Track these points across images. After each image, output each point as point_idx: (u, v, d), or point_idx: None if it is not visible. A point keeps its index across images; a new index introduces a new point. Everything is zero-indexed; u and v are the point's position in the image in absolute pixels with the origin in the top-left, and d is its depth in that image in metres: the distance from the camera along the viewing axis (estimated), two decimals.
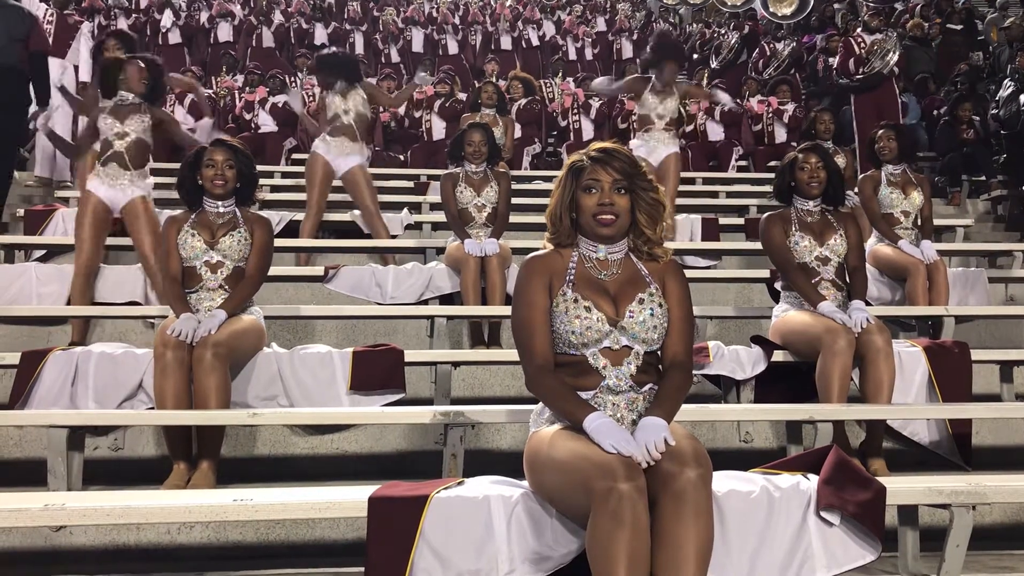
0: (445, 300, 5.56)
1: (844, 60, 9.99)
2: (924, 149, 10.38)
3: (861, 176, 5.99)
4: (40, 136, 8.46)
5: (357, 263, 5.98)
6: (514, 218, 6.43)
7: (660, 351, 2.63)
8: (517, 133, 9.35)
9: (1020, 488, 2.86)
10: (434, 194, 7.96)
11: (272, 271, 4.41)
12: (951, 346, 4.48)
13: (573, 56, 14.26)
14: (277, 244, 4.85)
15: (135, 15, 12.96)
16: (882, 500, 2.67)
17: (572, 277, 2.61)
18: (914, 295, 5.37)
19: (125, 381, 4.03)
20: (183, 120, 10.13)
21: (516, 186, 7.54)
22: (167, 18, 13.02)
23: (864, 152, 6.78)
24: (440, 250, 6.06)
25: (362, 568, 2.50)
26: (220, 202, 4.11)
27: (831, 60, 11.30)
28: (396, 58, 13.83)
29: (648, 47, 7.33)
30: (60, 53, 8.46)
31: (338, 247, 6.63)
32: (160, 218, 5.33)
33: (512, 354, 4.26)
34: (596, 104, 10.80)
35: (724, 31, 13.80)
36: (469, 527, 2.51)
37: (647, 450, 2.31)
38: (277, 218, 6.72)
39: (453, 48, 14.09)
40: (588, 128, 10.68)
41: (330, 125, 6.55)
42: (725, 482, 2.65)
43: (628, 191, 2.61)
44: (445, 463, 3.57)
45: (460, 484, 2.66)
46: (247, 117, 10.42)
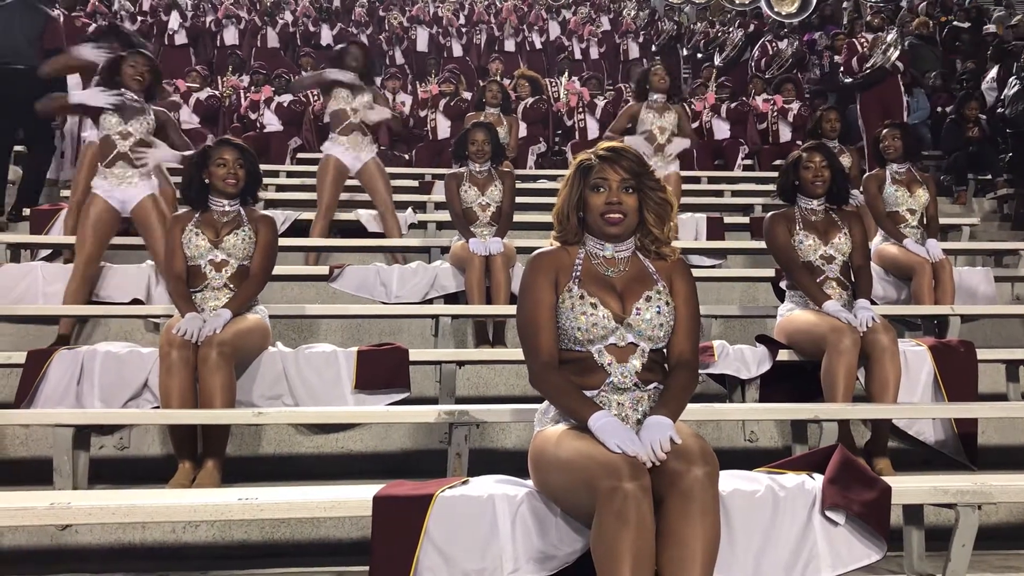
0: (450, 299, 5.56)
1: (848, 59, 9.98)
2: (929, 147, 10.37)
3: (866, 175, 5.98)
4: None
5: (364, 262, 5.98)
6: (519, 217, 6.43)
7: (666, 350, 2.63)
8: (522, 132, 9.35)
9: None
10: (439, 193, 7.95)
11: (277, 270, 4.42)
12: (957, 345, 4.47)
13: (578, 56, 14.26)
14: (282, 243, 4.86)
15: (140, 18, 12.97)
16: (887, 499, 2.67)
17: (579, 273, 2.62)
18: (920, 294, 5.35)
19: (130, 380, 4.04)
20: (188, 120, 10.20)
21: (521, 185, 7.53)
22: (174, 20, 13.04)
23: (871, 150, 6.76)
24: (445, 249, 6.06)
25: (367, 567, 2.50)
26: (226, 201, 4.12)
27: (836, 58, 11.28)
28: (400, 59, 13.85)
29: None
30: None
31: (345, 246, 6.64)
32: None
33: (517, 353, 4.28)
34: (601, 103, 10.79)
35: (729, 29, 13.78)
36: (474, 526, 2.51)
37: (652, 449, 2.31)
38: (282, 217, 6.72)
39: (458, 51, 14.11)
40: (593, 127, 10.67)
41: (337, 124, 6.59)
42: (730, 481, 2.64)
43: (636, 190, 2.61)
44: (450, 462, 3.57)
45: (465, 483, 2.66)
46: (252, 116, 10.44)
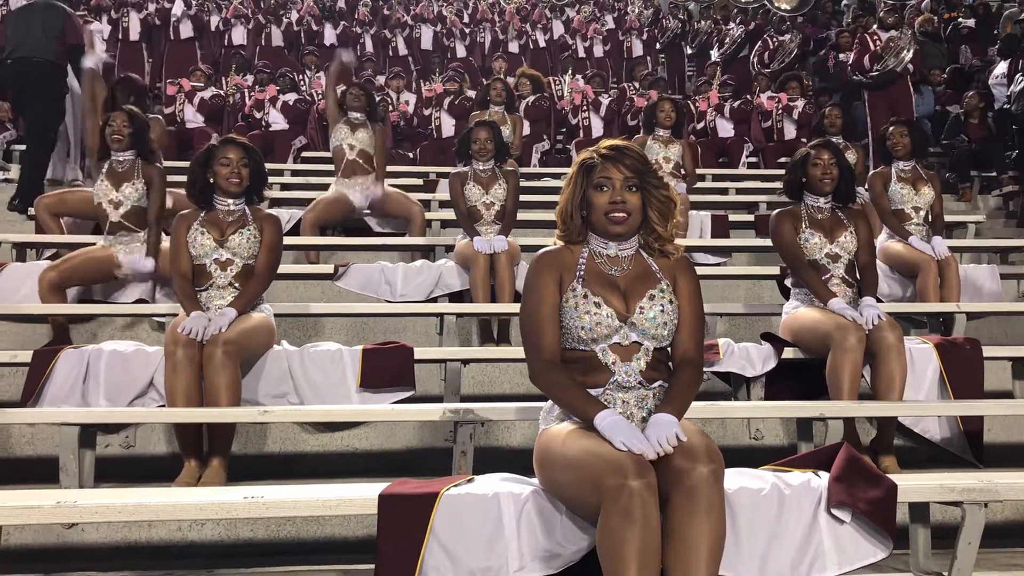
0: (454, 297, 5.57)
1: (859, 57, 9.95)
2: (932, 144, 10.34)
3: (871, 173, 5.97)
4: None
5: (369, 262, 5.99)
6: (523, 215, 6.43)
7: (670, 348, 2.63)
8: (526, 131, 9.35)
9: None
10: (443, 192, 7.96)
11: (282, 269, 4.43)
12: (962, 343, 4.46)
13: (582, 54, 14.24)
14: (288, 242, 4.86)
15: (146, 11, 12.97)
16: (893, 497, 2.66)
17: (582, 273, 2.61)
18: (925, 292, 5.34)
19: (136, 379, 4.05)
20: (192, 119, 10.23)
21: (525, 183, 7.54)
22: (178, 7, 12.98)
23: (877, 148, 6.75)
24: (449, 248, 6.06)
25: (372, 565, 2.50)
26: (231, 200, 4.12)
27: (841, 56, 11.25)
28: (404, 51, 13.82)
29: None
30: None
31: (350, 244, 6.64)
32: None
33: (521, 351, 4.26)
34: (606, 101, 10.79)
35: (730, 25, 13.76)
36: (479, 524, 2.51)
37: (658, 445, 2.31)
38: (287, 216, 6.73)
39: (461, 51, 14.11)
40: (598, 125, 10.67)
41: (337, 166, 6.69)
42: (736, 479, 2.64)
43: (639, 188, 2.61)
44: (455, 460, 3.57)
45: (470, 481, 2.67)
46: (257, 115, 10.45)
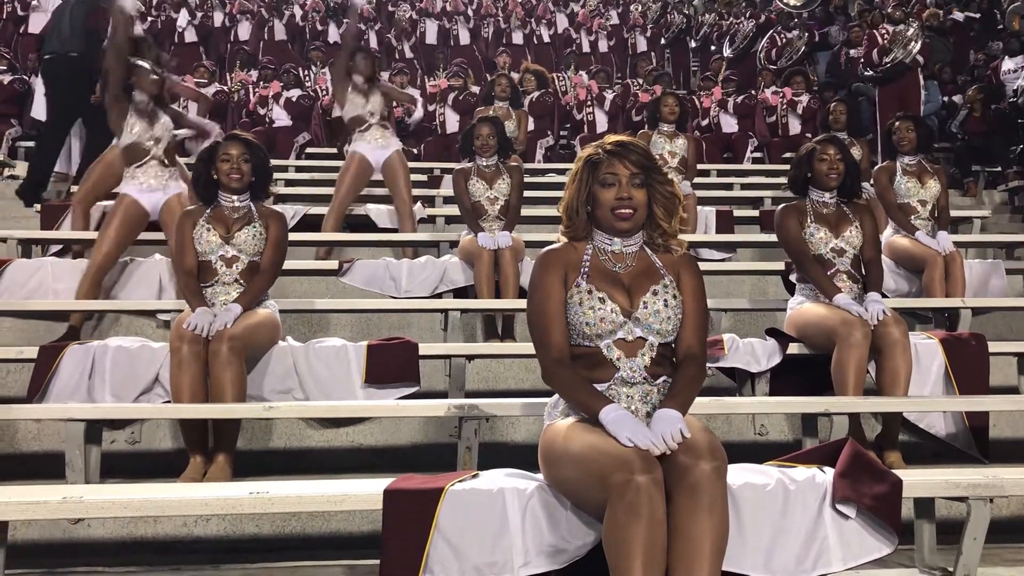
0: (459, 293, 5.57)
1: (868, 52, 9.93)
2: (937, 139, 10.31)
3: (876, 167, 5.95)
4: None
5: (374, 257, 5.99)
6: (527, 211, 6.42)
7: (674, 344, 2.63)
8: (530, 126, 9.34)
9: None
10: (448, 188, 7.95)
11: (287, 265, 4.43)
12: (968, 338, 4.46)
13: (587, 49, 14.22)
14: (292, 238, 4.86)
15: (151, 18, 13.00)
16: (898, 493, 2.66)
17: (587, 269, 2.62)
18: (931, 287, 5.33)
19: (142, 375, 4.06)
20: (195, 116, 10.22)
21: (529, 179, 7.54)
22: (183, 18, 13.06)
23: (883, 142, 6.73)
24: (454, 243, 6.06)
25: (377, 560, 2.51)
26: (235, 196, 4.13)
27: (852, 52, 11.21)
28: (409, 54, 13.84)
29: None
30: None
31: (356, 240, 6.65)
32: None
33: (526, 347, 4.27)
34: (610, 96, 10.77)
35: (740, 20, 13.72)
36: (484, 520, 2.51)
37: (664, 440, 2.31)
38: (292, 212, 6.74)
39: (465, 39, 14.06)
40: (602, 120, 10.66)
41: (358, 127, 6.73)
42: (740, 475, 2.64)
43: (645, 184, 2.61)
44: (460, 456, 3.58)
45: (475, 477, 2.67)
46: (261, 112, 10.46)
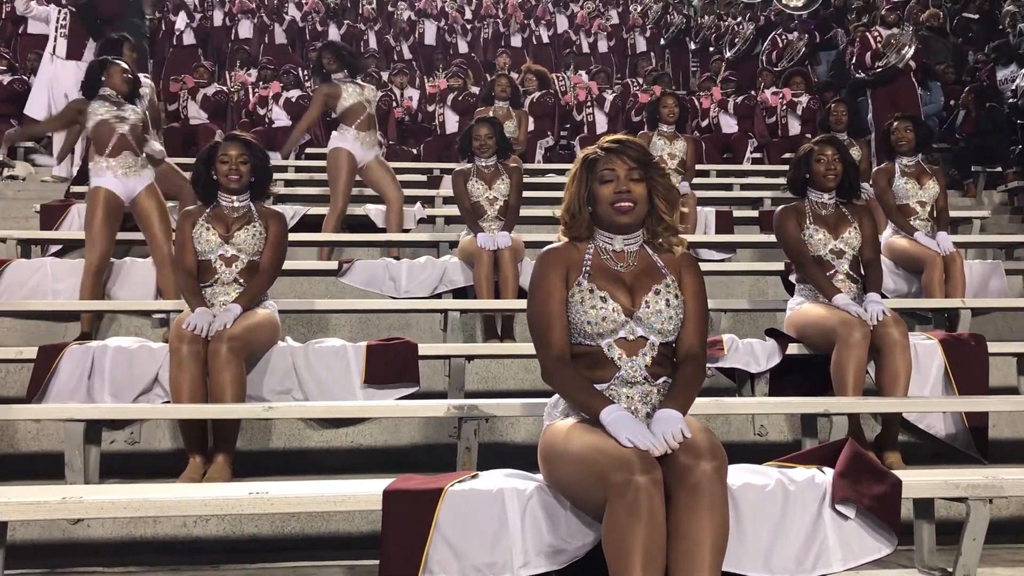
0: (459, 294, 5.56)
1: (861, 54, 9.94)
2: (937, 140, 10.31)
3: (875, 168, 5.95)
4: (56, 134, 8.53)
5: (374, 258, 6.00)
6: (527, 211, 6.42)
7: (675, 344, 2.63)
8: (530, 126, 9.34)
9: None
10: (447, 188, 7.95)
11: (286, 265, 4.43)
12: (967, 338, 4.46)
13: (586, 50, 14.23)
14: (292, 238, 4.87)
15: (150, 18, 13.01)
16: (898, 493, 2.66)
17: (588, 268, 2.62)
18: (930, 287, 5.33)
19: (141, 375, 4.05)
20: (196, 115, 10.26)
21: (529, 179, 7.54)
22: (181, 20, 13.07)
23: (880, 145, 6.74)
24: (453, 244, 6.06)
25: (377, 561, 2.51)
26: (235, 197, 4.13)
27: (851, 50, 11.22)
28: (408, 55, 13.84)
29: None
30: (76, 55, 8.52)
31: (356, 241, 6.65)
32: (172, 213, 5.36)
33: (526, 347, 4.28)
34: (610, 97, 10.78)
35: (739, 21, 13.72)
36: (483, 520, 2.51)
37: (664, 440, 2.31)
38: (291, 212, 6.74)
39: (463, 48, 14.10)
40: (602, 121, 10.66)
41: (350, 118, 6.64)
42: (740, 475, 2.64)
43: (644, 178, 2.61)
44: (459, 456, 3.58)
45: (474, 477, 2.67)
46: (261, 112, 10.46)
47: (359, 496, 2.61)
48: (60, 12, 8.66)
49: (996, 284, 5.86)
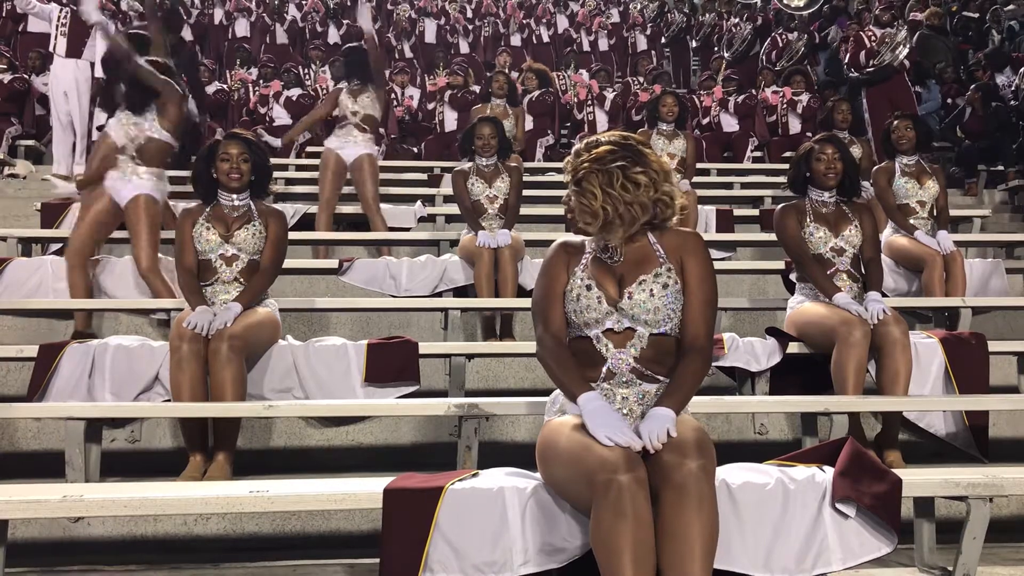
0: (459, 292, 5.56)
1: (855, 53, 9.93)
2: (938, 139, 10.31)
3: (875, 167, 5.95)
4: (57, 132, 8.54)
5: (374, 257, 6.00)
6: (528, 210, 6.42)
7: (680, 335, 2.59)
8: (528, 124, 9.34)
9: None
10: (447, 186, 7.94)
11: (287, 264, 4.43)
12: (968, 337, 4.45)
13: (587, 48, 14.22)
14: (293, 237, 4.86)
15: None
16: (898, 492, 2.66)
17: (587, 259, 2.63)
18: (931, 286, 5.33)
19: (141, 374, 4.06)
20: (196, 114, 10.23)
21: (529, 178, 7.54)
22: None
23: (879, 144, 6.74)
24: (454, 242, 6.07)
25: (377, 559, 2.51)
26: (235, 195, 4.13)
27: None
28: (409, 53, 13.84)
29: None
30: (76, 53, 8.51)
31: (356, 240, 6.65)
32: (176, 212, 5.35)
33: (526, 346, 4.29)
34: (610, 96, 10.77)
35: (737, 21, 13.72)
36: (484, 519, 2.52)
37: (649, 440, 2.30)
38: (292, 211, 6.74)
39: (464, 47, 14.09)
40: (602, 120, 10.66)
41: (340, 123, 6.83)
42: (740, 474, 2.64)
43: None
44: (459, 455, 3.58)
45: (475, 476, 2.67)
46: (261, 111, 10.46)
47: (359, 495, 2.62)
48: (61, 11, 8.65)
49: (996, 283, 5.86)
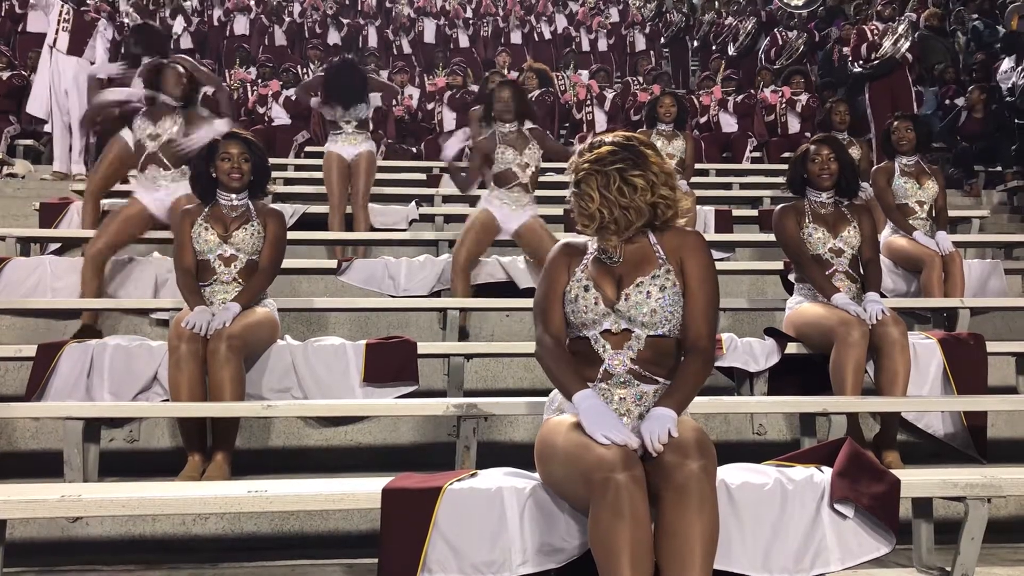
0: None
1: (856, 47, 9.92)
2: (937, 140, 10.31)
3: (874, 168, 5.95)
4: (56, 131, 8.52)
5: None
6: None
7: (680, 338, 2.58)
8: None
9: None
10: (446, 186, 7.96)
11: (285, 263, 4.43)
12: (966, 338, 4.46)
13: (587, 48, 14.23)
14: (292, 237, 4.86)
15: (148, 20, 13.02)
16: (896, 492, 2.66)
17: (588, 260, 2.63)
18: (929, 287, 5.34)
19: (140, 373, 4.06)
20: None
21: None
22: (179, 24, 13.08)
23: (880, 143, 6.74)
24: (452, 242, 6.05)
25: (376, 559, 2.51)
26: (234, 195, 4.13)
27: (845, 50, 11.23)
28: (408, 49, 13.84)
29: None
30: (78, 51, 8.50)
31: (358, 240, 6.64)
32: None
33: (525, 346, 4.29)
34: (610, 96, 10.78)
35: (740, 20, 13.72)
36: (482, 519, 2.52)
37: (650, 441, 2.31)
38: (291, 211, 6.74)
39: (464, 42, 14.08)
40: (601, 120, 10.66)
41: (336, 128, 6.81)
42: (739, 474, 2.64)
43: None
44: (458, 455, 3.58)
45: (473, 476, 2.67)
46: (260, 110, 10.46)
47: (358, 495, 2.62)
48: (64, 7, 8.64)
49: (995, 284, 5.86)
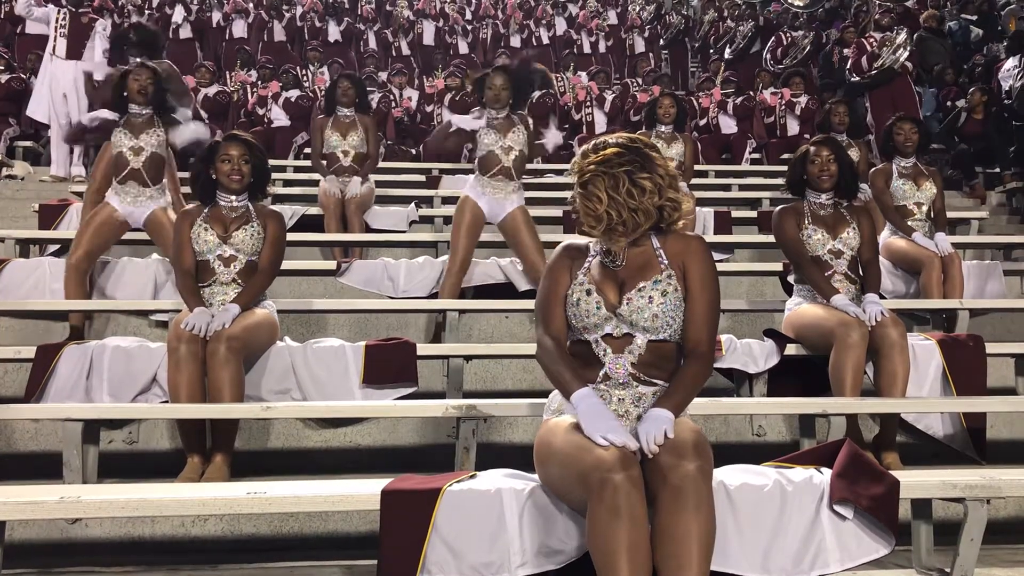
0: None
1: (857, 58, 9.94)
2: (935, 141, 10.30)
3: (872, 169, 5.95)
4: (55, 133, 8.53)
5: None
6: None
7: (681, 342, 2.57)
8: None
9: None
10: (446, 188, 7.98)
11: (285, 265, 4.43)
12: (965, 339, 4.46)
13: (587, 50, 14.23)
14: (291, 238, 4.86)
15: (148, 12, 13.00)
16: (896, 494, 2.66)
17: (590, 264, 2.63)
18: (928, 288, 5.34)
19: (139, 375, 4.05)
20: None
21: (529, 179, 7.50)
22: (178, 14, 13.06)
23: (881, 144, 6.74)
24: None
25: (375, 560, 2.51)
26: (234, 197, 4.13)
27: (845, 51, 11.24)
28: (406, 51, 13.84)
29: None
30: (75, 55, 8.51)
31: (358, 241, 6.64)
32: None
33: (524, 347, 4.30)
34: (609, 97, 10.78)
35: (739, 24, 13.73)
36: (481, 520, 2.52)
37: (646, 442, 2.31)
38: (290, 212, 6.74)
39: (464, 49, 14.10)
40: (601, 121, 10.66)
41: (328, 163, 6.88)
42: (738, 475, 2.64)
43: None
44: (457, 456, 3.58)
45: (472, 477, 2.67)
46: (260, 112, 10.46)
47: (357, 496, 2.62)
48: (60, 12, 8.65)
49: (994, 285, 5.87)
